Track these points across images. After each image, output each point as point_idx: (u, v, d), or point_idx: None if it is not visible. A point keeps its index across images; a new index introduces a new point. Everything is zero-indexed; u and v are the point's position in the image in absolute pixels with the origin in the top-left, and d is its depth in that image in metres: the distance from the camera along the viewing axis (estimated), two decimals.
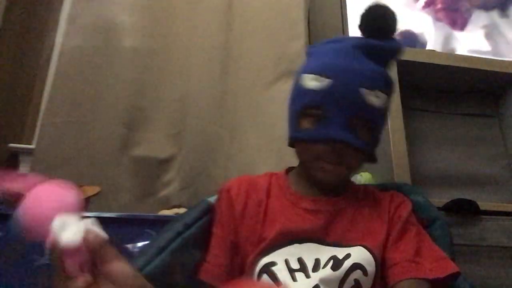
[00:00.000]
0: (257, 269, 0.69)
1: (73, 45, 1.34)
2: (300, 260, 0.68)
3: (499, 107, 1.42)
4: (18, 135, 1.42)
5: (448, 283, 0.69)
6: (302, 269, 0.67)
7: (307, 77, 0.73)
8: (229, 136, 1.40)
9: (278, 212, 0.74)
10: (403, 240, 0.70)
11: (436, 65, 1.28)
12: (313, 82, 0.72)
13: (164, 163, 1.37)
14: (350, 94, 0.70)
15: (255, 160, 1.34)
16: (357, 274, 0.66)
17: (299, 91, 0.75)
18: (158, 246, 0.71)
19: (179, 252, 0.72)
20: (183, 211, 1.14)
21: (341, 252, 0.68)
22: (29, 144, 1.40)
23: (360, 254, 0.68)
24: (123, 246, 0.92)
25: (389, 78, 0.76)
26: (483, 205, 1.13)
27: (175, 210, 1.17)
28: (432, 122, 1.36)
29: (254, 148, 1.37)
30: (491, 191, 1.29)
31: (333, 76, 0.70)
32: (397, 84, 1.20)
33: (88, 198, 1.06)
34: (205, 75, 1.42)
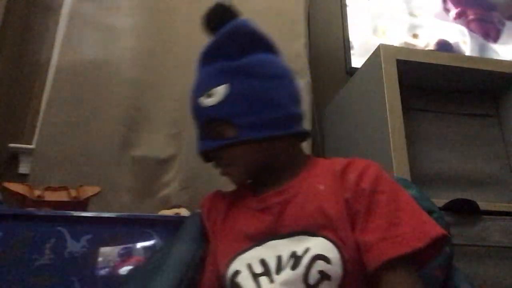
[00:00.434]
0: (228, 282, 0.68)
1: (73, 45, 1.34)
2: (263, 262, 0.66)
3: (499, 107, 1.42)
4: (18, 135, 1.42)
5: (438, 249, 0.62)
6: (266, 272, 0.65)
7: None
8: None
9: (236, 221, 0.75)
10: (372, 216, 0.63)
11: (436, 65, 1.28)
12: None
13: (164, 163, 1.37)
14: (193, 108, 0.78)
15: None
16: (320, 265, 0.61)
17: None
18: (174, 280, 0.70)
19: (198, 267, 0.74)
20: (183, 211, 1.15)
21: (301, 245, 0.64)
22: (29, 144, 1.40)
23: (319, 244, 0.63)
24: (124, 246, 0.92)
25: (223, 68, 0.76)
26: (483, 205, 1.13)
27: (175, 210, 1.17)
28: (432, 122, 1.36)
29: None
30: (491, 191, 1.29)
31: (190, 101, 0.80)
32: (397, 84, 1.20)
33: (88, 198, 1.06)
34: None
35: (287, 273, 0.63)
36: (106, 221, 0.93)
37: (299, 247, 0.64)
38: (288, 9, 1.52)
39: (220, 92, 0.74)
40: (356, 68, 1.52)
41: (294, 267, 0.63)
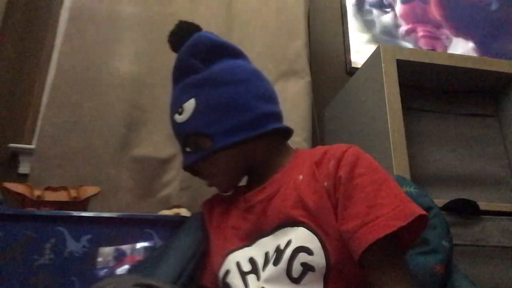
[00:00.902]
0: (220, 282, 0.70)
1: (73, 45, 1.34)
2: (251, 260, 0.68)
3: (499, 107, 1.42)
4: (18, 135, 1.42)
5: (420, 228, 0.61)
6: (254, 270, 0.66)
7: None
8: None
9: (226, 223, 0.77)
10: (351, 203, 0.61)
11: (436, 65, 1.28)
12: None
13: (164, 163, 1.37)
14: (172, 126, 0.82)
15: None
16: (302, 257, 0.61)
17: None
18: (176, 271, 0.72)
19: (194, 272, 0.76)
20: (183, 211, 1.15)
21: (284, 238, 0.64)
22: (29, 144, 1.40)
23: (300, 236, 0.63)
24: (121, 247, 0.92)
25: (196, 79, 0.78)
26: (483, 205, 1.13)
27: (175, 210, 1.17)
28: (432, 122, 1.35)
29: None
30: (491, 191, 1.29)
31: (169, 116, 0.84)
32: (397, 84, 1.20)
33: (88, 198, 1.06)
34: None
35: (270, 269, 0.63)
36: (106, 221, 0.93)
37: (282, 240, 0.64)
38: (288, 9, 1.52)
39: (188, 107, 0.76)
40: (356, 68, 1.52)
41: (276, 262, 0.63)
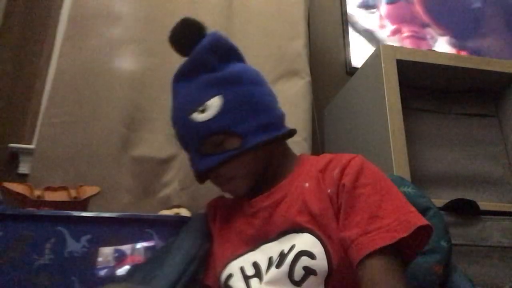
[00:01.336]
0: (222, 285, 0.70)
1: (73, 45, 1.34)
2: (255, 265, 0.67)
3: (499, 107, 1.42)
4: (18, 135, 1.42)
5: (424, 241, 0.60)
6: (257, 273, 0.66)
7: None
8: None
9: (230, 227, 0.76)
10: (354, 211, 0.62)
11: (436, 65, 1.28)
12: (173, 132, 0.80)
13: (164, 163, 1.37)
14: (184, 129, 0.75)
15: None
16: (304, 261, 0.61)
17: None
18: (179, 271, 0.71)
19: (196, 272, 0.74)
20: (183, 211, 1.15)
21: (288, 243, 0.65)
22: (29, 144, 1.40)
23: (304, 241, 0.63)
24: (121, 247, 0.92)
25: (219, 76, 0.75)
26: (483, 205, 1.13)
27: (175, 210, 1.17)
28: (432, 122, 1.36)
29: None
30: (491, 191, 1.29)
31: (174, 122, 0.78)
32: (397, 84, 1.20)
33: (88, 198, 1.06)
34: None
35: (273, 271, 0.63)
36: (106, 221, 0.93)
37: (286, 245, 0.65)
38: (288, 9, 1.52)
39: (214, 104, 0.72)
40: (356, 68, 1.52)
41: (279, 265, 0.63)
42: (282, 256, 0.64)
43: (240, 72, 0.77)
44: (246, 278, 0.67)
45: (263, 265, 0.67)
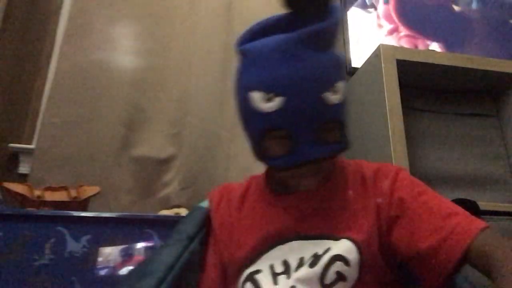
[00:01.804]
0: (242, 278, 0.67)
1: (73, 45, 1.34)
2: (285, 262, 0.66)
3: (499, 107, 1.42)
4: (18, 135, 1.42)
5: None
6: (286, 271, 0.65)
7: (255, 96, 0.62)
8: (229, 136, 1.40)
9: (256, 217, 0.72)
10: (423, 220, 0.61)
11: (436, 65, 1.28)
12: (264, 104, 0.62)
13: (164, 163, 1.37)
14: (310, 106, 0.61)
15: (255, 160, 1.34)
16: (338, 266, 0.61)
17: (251, 113, 0.64)
18: (167, 265, 0.66)
19: (187, 269, 0.69)
20: (183, 211, 1.15)
21: (323, 246, 0.64)
22: (29, 144, 1.40)
23: (341, 246, 0.63)
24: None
25: (341, 59, 0.66)
26: (483, 205, 1.13)
27: (175, 210, 1.17)
28: (432, 122, 1.36)
29: None
30: (491, 191, 1.29)
31: (284, 92, 0.60)
32: (397, 84, 1.20)
33: (88, 198, 1.06)
34: (205, 75, 1.42)
35: (305, 270, 0.63)
36: (106, 221, 0.93)
37: (322, 248, 0.64)
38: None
39: (341, 88, 0.63)
40: (356, 68, 1.52)
41: (312, 265, 0.62)
42: (316, 257, 0.63)
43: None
44: (275, 275, 0.65)
45: (293, 264, 0.65)
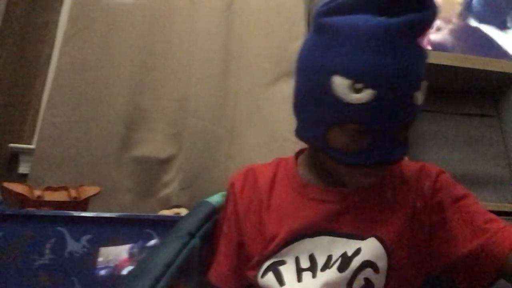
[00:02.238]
0: (263, 268, 0.64)
1: (73, 45, 1.34)
2: (311, 257, 0.63)
3: (499, 107, 1.43)
4: (18, 135, 1.42)
5: None
6: (312, 267, 0.62)
7: (340, 83, 0.55)
8: (229, 136, 1.40)
9: (285, 206, 0.68)
10: (467, 222, 0.60)
11: (436, 65, 1.28)
12: (350, 94, 0.54)
13: (164, 163, 1.37)
14: (400, 105, 0.55)
15: (255, 160, 1.33)
16: (367, 272, 0.59)
17: (328, 98, 0.57)
18: (164, 263, 0.64)
19: (186, 266, 0.68)
20: (183, 211, 1.15)
21: (353, 246, 0.61)
22: (29, 144, 1.40)
23: (371, 249, 0.60)
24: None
25: (428, 55, 0.60)
26: (483, 205, 1.12)
27: (175, 210, 1.17)
28: (432, 122, 1.36)
29: (254, 148, 1.37)
30: (491, 191, 1.29)
31: (377, 86, 0.53)
32: None
33: (88, 198, 1.06)
34: (205, 75, 1.42)
35: (333, 274, 0.60)
36: (106, 221, 0.93)
37: (352, 248, 0.61)
38: (288, 9, 1.52)
39: (423, 89, 0.58)
40: None
41: (341, 269, 0.60)
42: (345, 259, 0.60)
43: None
44: (300, 270, 0.62)
45: (320, 262, 0.62)
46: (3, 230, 0.87)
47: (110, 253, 0.91)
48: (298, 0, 1.53)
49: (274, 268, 0.63)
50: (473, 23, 1.50)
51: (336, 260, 0.61)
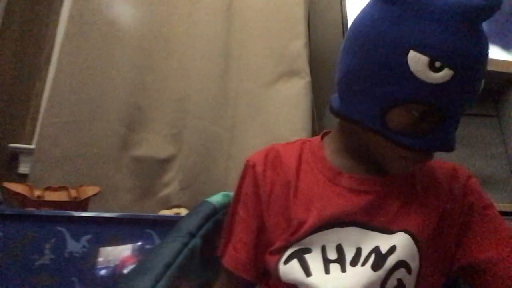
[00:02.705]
0: (287, 254, 0.61)
1: (73, 45, 1.34)
2: (339, 248, 0.59)
3: (499, 107, 1.43)
4: (18, 135, 1.42)
5: None
6: (339, 260, 0.59)
7: (419, 59, 0.51)
8: (229, 136, 1.40)
9: (313, 191, 0.64)
10: (494, 230, 0.61)
11: None
12: (429, 72, 0.50)
13: (164, 163, 1.37)
14: (472, 90, 0.53)
15: None
16: (401, 273, 0.57)
17: (399, 74, 0.52)
18: (165, 263, 0.64)
19: (186, 266, 0.67)
20: (183, 211, 1.15)
21: (385, 241, 0.58)
22: (29, 144, 1.40)
23: (405, 248, 0.58)
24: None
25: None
26: None
27: (175, 210, 1.17)
28: None
29: (254, 148, 1.36)
30: (491, 191, 1.29)
31: (456, 67, 0.50)
32: None
33: (88, 198, 1.06)
34: (205, 75, 1.42)
35: (368, 272, 0.57)
36: (106, 221, 0.93)
37: (384, 243, 0.59)
38: (288, 9, 1.52)
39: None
40: None
41: (375, 267, 0.57)
42: (379, 256, 0.57)
43: None
44: (327, 261, 0.59)
45: (349, 254, 0.59)
46: (3, 230, 0.87)
47: (110, 253, 0.91)
48: (298, 0, 1.53)
49: (299, 256, 0.60)
50: None
51: (369, 256, 0.58)
